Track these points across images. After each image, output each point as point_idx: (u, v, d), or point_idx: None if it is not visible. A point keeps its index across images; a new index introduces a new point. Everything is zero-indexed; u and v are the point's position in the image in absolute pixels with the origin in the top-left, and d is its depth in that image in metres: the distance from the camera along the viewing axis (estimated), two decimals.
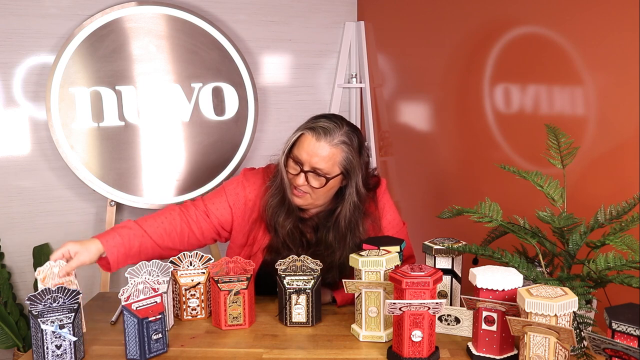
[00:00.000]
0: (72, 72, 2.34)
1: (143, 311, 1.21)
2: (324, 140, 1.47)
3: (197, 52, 2.51)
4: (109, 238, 1.44)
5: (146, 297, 1.23)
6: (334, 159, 1.48)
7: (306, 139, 1.49)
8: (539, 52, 1.73)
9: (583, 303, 1.18)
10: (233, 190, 1.61)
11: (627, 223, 1.24)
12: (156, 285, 1.26)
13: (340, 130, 1.49)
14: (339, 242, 1.54)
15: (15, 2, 2.40)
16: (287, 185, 1.53)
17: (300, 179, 1.49)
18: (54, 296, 1.16)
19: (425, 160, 2.49)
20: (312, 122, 1.51)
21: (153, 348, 1.22)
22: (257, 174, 1.63)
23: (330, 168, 1.48)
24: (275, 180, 1.56)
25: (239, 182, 1.62)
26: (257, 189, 1.60)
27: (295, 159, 1.50)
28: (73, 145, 2.36)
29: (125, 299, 1.20)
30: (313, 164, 1.48)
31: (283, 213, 1.54)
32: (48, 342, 1.17)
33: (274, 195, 1.55)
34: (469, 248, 1.34)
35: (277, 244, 1.56)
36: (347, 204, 1.54)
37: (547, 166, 1.42)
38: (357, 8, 2.94)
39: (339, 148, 1.48)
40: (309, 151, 1.47)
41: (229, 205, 1.59)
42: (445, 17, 2.24)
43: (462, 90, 2.17)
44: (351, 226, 1.54)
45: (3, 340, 2.36)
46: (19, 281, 2.56)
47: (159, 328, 1.23)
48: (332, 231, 1.55)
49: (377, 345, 1.29)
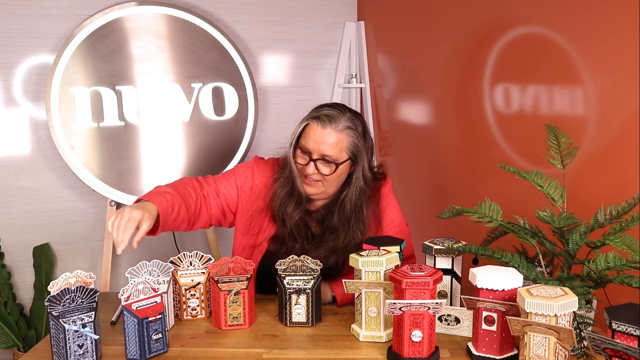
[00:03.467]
0: (72, 72, 2.34)
1: (143, 311, 1.21)
2: (329, 127, 1.51)
3: (197, 52, 2.51)
4: (161, 201, 1.43)
5: (146, 297, 1.23)
6: (341, 145, 1.52)
7: (312, 128, 1.53)
8: (539, 52, 1.73)
9: (583, 303, 1.18)
10: (242, 173, 1.65)
11: (627, 223, 1.24)
12: (156, 285, 1.25)
13: (344, 117, 1.54)
14: (343, 225, 1.58)
15: (15, 2, 2.40)
16: (296, 175, 1.56)
17: (310, 168, 1.53)
18: (72, 296, 1.16)
19: (425, 160, 2.49)
20: (316, 112, 1.56)
21: (153, 348, 1.22)
22: (267, 164, 1.67)
23: (338, 154, 1.53)
24: (284, 172, 1.59)
25: (249, 167, 1.66)
26: (266, 178, 1.64)
27: (303, 148, 1.54)
28: (73, 145, 2.36)
29: (125, 299, 1.20)
30: (321, 152, 1.52)
31: (292, 204, 1.58)
32: (71, 342, 1.17)
33: (283, 186, 1.59)
34: (469, 248, 1.34)
35: (284, 235, 1.59)
36: (353, 187, 1.58)
37: (547, 166, 1.42)
38: (357, 8, 2.94)
39: (345, 133, 1.53)
40: (316, 139, 1.52)
41: (237, 187, 1.64)
42: (445, 17, 2.24)
43: (462, 90, 2.17)
44: (356, 210, 1.58)
45: (3, 340, 2.36)
46: (19, 281, 2.56)
47: (159, 328, 1.23)
48: (337, 214, 1.59)
49: (377, 345, 1.29)
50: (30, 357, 1.25)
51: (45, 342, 1.31)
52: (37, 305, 2.49)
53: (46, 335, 1.35)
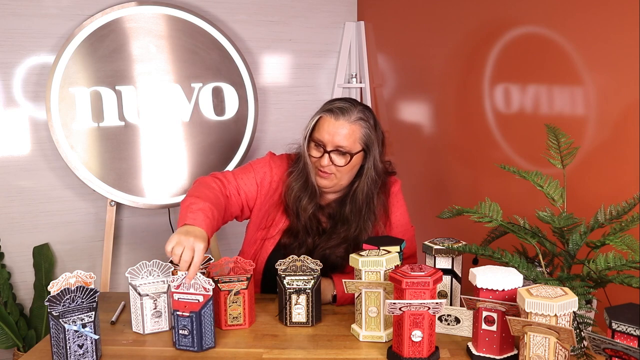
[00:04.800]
0: (72, 72, 2.34)
1: (180, 303, 1.25)
2: (342, 118, 1.55)
3: (197, 52, 2.51)
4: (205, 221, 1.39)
5: (195, 292, 1.25)
6: (354, 136, 1.55)
7: (325, 121, 1.56)
8: (539, 52, 1.73)
9: (583, 303, 1.18)
10: (261, 169, 1.67)
11: (627, 223, 1.24)
12: (207, 285, 1.26)
13: (356, 109, 1.57)
14: (355, 215, 1.61)
15: (15, 2, 2.40)
16: (310, 168, 1.59)
17: (325, 160, 1.55)
18: (72, 296, 1.16)
19: (425, 160, 2.49)
20: (328, 105, 1.59)
21: (182, 343, 1.27)
22: (282, 158, 1.70)
23: (352, 145, 1.55)
24: (298, 165, 1.62)
25: (266, 162, 1.68)
26: (281, 173, 1.66)
27: (317, 141, 1.57)
28: (73, 145, 2.36)
29: (175, 286, 1.25)
30: (336, 143, 1.54)
31: (306, 197, 1.60)
32: (71, 342, 1.17)
33: (297, 180, 1.61)
34: (469, 248, 1.34)
35: (297, 228, 1.61)
36: (365, 177, 1.60)
37: (547, 166, 1.42)
38: (357, 8, 2.94)
39: (358, 124, 1.56)
40: (329, 131, 1.54)
41: (256, 183, 1.65)
42: (445, 17, 2.24)
43: (462, 90, 2.17)
44: (367, 200, 1.61)
45: (3, 340, 2.36)
46: (19, 281, 2.56)
47: (187, 324, 1.25)
48: (349, 205, 1.61)
49: (377, 345, 1.29)
50: (30, 357, 1.25)
51: (45, 342, 1.31)
52: (37, 305, 2.49)
53: (46, 335, 1.35)
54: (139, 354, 1.27)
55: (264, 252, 1.63)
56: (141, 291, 1.34)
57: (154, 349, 1.29)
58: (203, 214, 1.40)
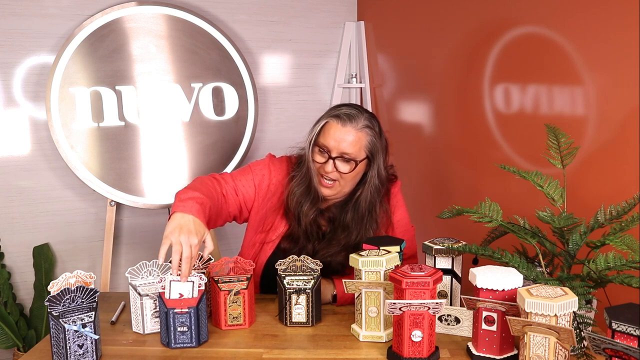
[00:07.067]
0: (72, 72, 2.34)
1: (175, 302, 1.27)
2: (349, 125, 1.53)
3: (197, 52, 2.51)
4: (199, 210, 1.39)
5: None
6: (360, 143, 1.54)
7: (332, 126, 1.54)
8: (539, 52, 1.73)
9: (583, 303, 1.18)
10: (260, 171, 1.65)
11: (627, 223, 1.24)
12: (200, 280, 1.29)
13: (363, 116, 1.56)
14: (357, 223, 1.59)
15: (15, 2, 2.40)
16: (313, 174, 1.57)
17: (329, 166, 1.54)
18: (72, 296, 1.16)
19: (425, 160, 2.49)
20: (335, 110, 1.57)
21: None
22: (282, 161, 1.68)
23: (357, 152, 1.54)
24: (301, 170, 1.60)
25: (266, 164, 1.66)
26: (281, 176, 1.64)
27: (322, 146, 1.55)
28: (73, 145, 2.36)
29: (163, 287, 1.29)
30: (341, 149, 1.52)
31: (308, 202, 1.58)
32: (71, 342, 1.17)
33: (299, 185, 1.59)
34: (469, 248, 1.34)
35: (298, 233, 1.60)
36: (369, 186, 1.59)
37: (547, 166, 1.42)
38: (357, 8, 2.94)
39: (364, 132, 1.54)
40: (336, 137, 1.52)
41: (254, 185, 1.64)
42: (445, 17, 2.24)
43: (462, 90, 2.17)
44: (370, 208, 1.59)
45: (3, 340, 2.36)
46: (19, 281, 2.56)
47: (186, 321, 1.26)
48: (350, 212, 1.60)
49: (377, 345, 1.29)
50: (30, 357, 1.25)
51: (45, 342, 1.31)
52: (37, 305, 2.49)
53: (46, 335, 1.36)
54: (139, 354, 1.27)
55: (263, 256, 1.62)
56: (141, 291, 1.34)
57: (154, 349, 1.29)
58: (194, 200, 1.40)
